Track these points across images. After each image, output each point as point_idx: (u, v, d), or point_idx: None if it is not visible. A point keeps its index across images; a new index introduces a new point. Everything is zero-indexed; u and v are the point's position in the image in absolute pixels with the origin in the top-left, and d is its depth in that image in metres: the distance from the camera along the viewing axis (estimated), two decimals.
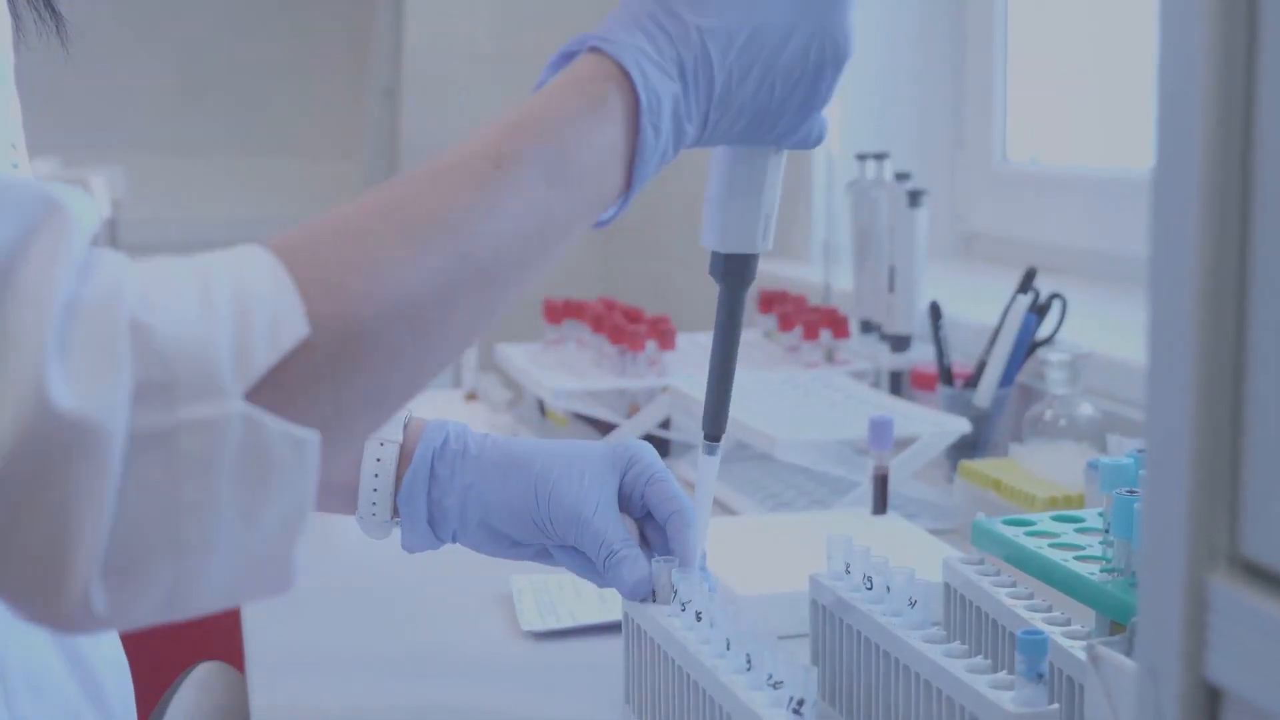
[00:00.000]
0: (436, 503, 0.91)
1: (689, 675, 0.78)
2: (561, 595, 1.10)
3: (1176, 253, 0.45)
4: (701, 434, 0.86)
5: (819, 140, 0.80)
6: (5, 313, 0.54)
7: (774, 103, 0.76)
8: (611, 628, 1.04)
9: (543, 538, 0.90)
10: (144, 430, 0.55)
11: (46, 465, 0.54)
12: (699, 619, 0.79)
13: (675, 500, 0.89)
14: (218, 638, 1.56)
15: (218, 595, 0.60)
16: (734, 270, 0.83)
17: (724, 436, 0.86)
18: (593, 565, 0.89)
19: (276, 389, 0.58)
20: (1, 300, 0.54)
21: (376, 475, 0.91)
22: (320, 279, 0.61)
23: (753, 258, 0.83)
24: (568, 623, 1.05)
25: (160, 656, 1.22)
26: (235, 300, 0.58)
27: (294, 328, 0.59)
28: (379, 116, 3.12)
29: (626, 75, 0.71)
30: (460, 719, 0.93)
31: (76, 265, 0.56)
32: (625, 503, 0.90)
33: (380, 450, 0.91)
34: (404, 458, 0.91)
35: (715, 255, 0.83)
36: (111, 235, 3.12)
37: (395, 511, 0.92)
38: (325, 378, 0.60)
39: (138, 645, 0.94)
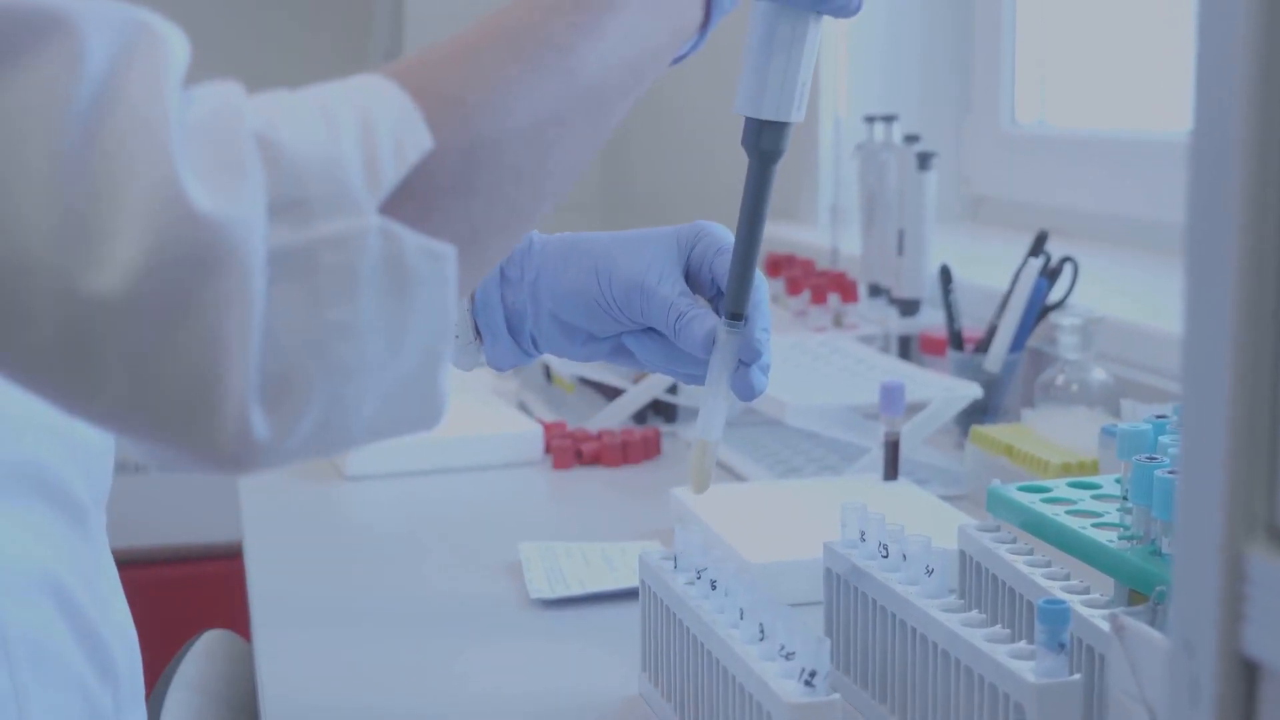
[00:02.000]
0: (511, 307, 0.89)
1: (703, 644, 0.77)
2: (570, 563, 1.09)
3: (1215, 219, 0.44)
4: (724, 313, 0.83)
5: (858, 8, 0.80)
6: (119, 128, 0.52)
7: None
8: (620, 595, 1.03)
9: (613, 324, 0.87)
10: (282, 247, 0.54)
11: (191, 273, 0.52)
12: (714, 588, 0.78)
13: None
14: (223, 606, 1.55)
15: (369, 425, 0.59)
16: (767, 139, 0.81)
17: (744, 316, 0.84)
18: (668, 348, 0.87)
19: (408, 203, 0.58)
20: (112, 119, 0.52)
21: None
22: (440, 95, 0.60)
23: (785, 128, 0.81)
24: (577, 590, 1.04)
25: (165, 625, 1.22)
26: (358, 118, 0.57)
27: (419, 140, 0.58)
28: None
29: None
30: (471, 688, 0.92)
31: (178, 81, 0.55)
32: (695, 280, 0.88)
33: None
34: None
35: (748, 123, 0.81)
36: None
37: (477, 333, 0.90)
38: (453, 192, 0.60)
39: (142, 614, 0.93)
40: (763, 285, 0.86)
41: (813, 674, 0.66)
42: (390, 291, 0.57)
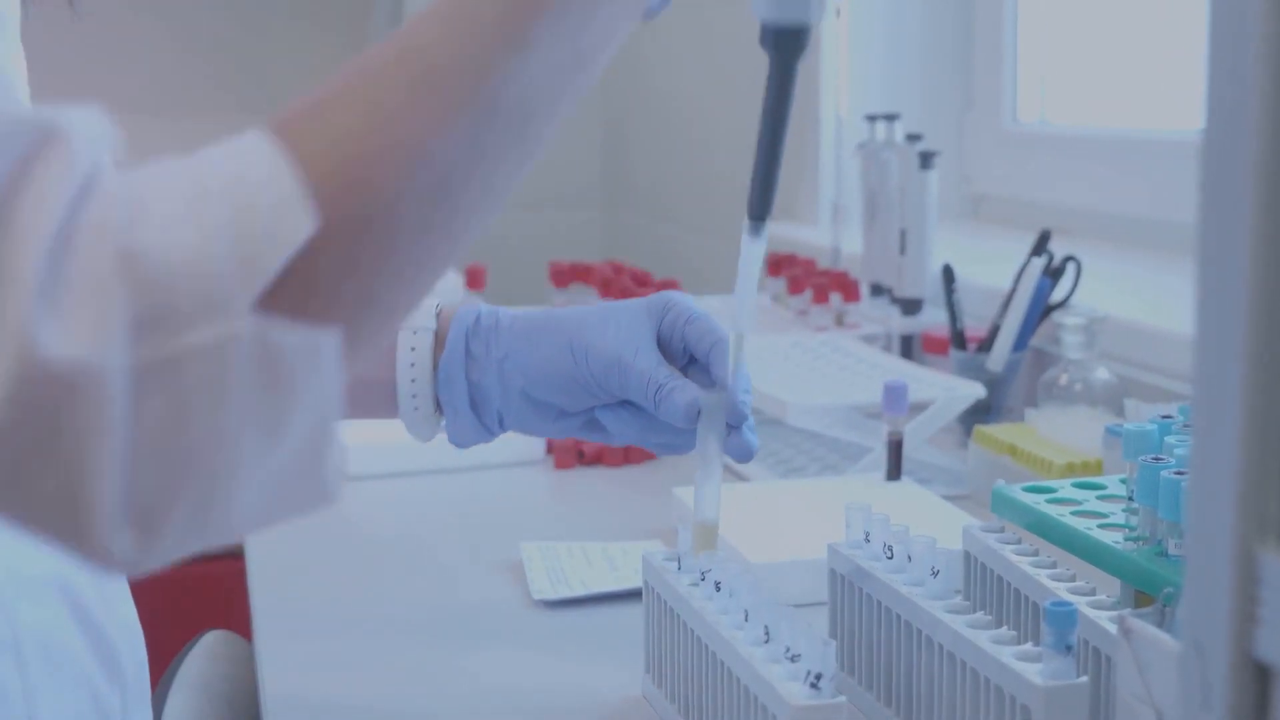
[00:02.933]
0: (476, 384, 0.88)
1: (707, 646, 0.77)
2: (572, 563, 1.09)
3: (1227, 219, 0.43)
4: (747, 215, 0.81)
5: None
6: None
7: None
8: (622, 596, 1.03)
9: (587, 399, 0.87)
10: (147, 363, 0.52)
11: (46, 415, 0.51)
12: (718, 589, 0.78)
13: (714, 333, 0.86)
14: (224, 606, 1.55)
15: (252, 518, 0.56)
16: (785, 40, 0.76)
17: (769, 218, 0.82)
18: (643, 419, 0.86)
19: (292, 291, 0.54)
20: None
21: (413, 365, 0.88)
22: (329, 158, 0.55)
23: (805, 29, 0.76)
24: (579, 591, 1.03)
25: (167, 625, 1.21)
26: (233, 207, 0.53)
27: (300, 224, 0.54)
28: None
29: None
30: (472, 688, 0.92)
31: (71, 196, 0.52)
32: (665, 350, 0.87)
33: (414, 339, 0.88)
34: (438, 344, 0.88)
35: (765, 26, 0.76)
36: None
37: (438, 405, 0.89)
38: (347, 268, 0.55)
39: (144, 614, 0.93)
40: (741, 349, 0.85)
41: (819, 676, 0.66)
42: (266, 390, 0.54)
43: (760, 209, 0.81)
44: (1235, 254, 0.43)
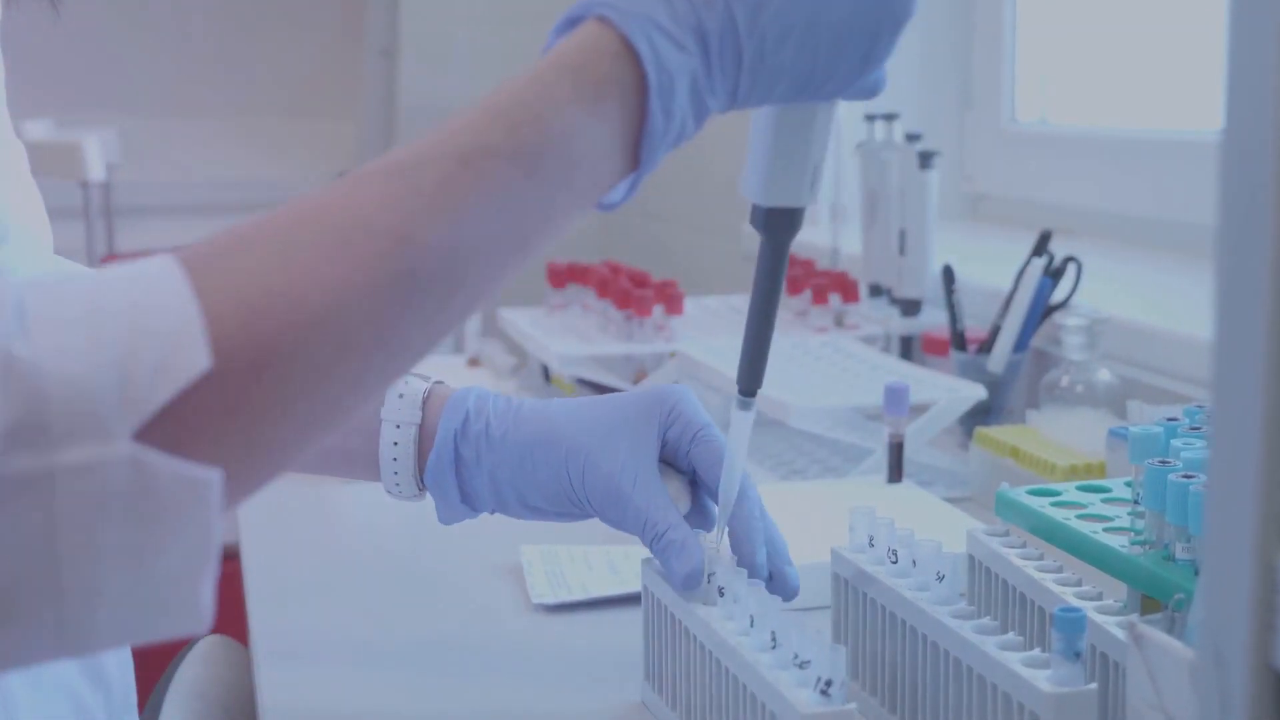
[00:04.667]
0: (467, 482, 0.87)
1: (711, 653, 0.76)
2: (572, 566, 1.08)
3: (1248, 222, 0.42)
4: (736, 390, 0.80)
5: (875, 92, 0.71)
6: None
7: (820, 67, 0.67)
8: (623, 600, 1.02)
9: (583, 513, 0.86)
10: (16, 474, 0.50)
11: None
12: (721, 594, 0.77)
13: (722, 458, 0.83)
14: (221, 612, 1.53)
15: (115, 636, 0.55)
16: (776, 222, 0.75)
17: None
18: None
19: (175, 425, 0.53)
20: None
21: (395, 459, 0.87)
22: (233, 300, 0.54)
23: (797, 211, 0.75)
24: (579, 595, 1.03)
25: None
26: (128, 330, 0.52)
27: (192, 360, 0.53)
28: (376, 77, 3.08)
29: (633, 50, 0.63)
30: (471, 693, 0.91)
31: None
32: (673, 458, 0.85)
33: (397, 434, 0.87)
34: (425, 437, 0.87)
35: (756, 208, 0.75)
36: (106, 198, 3.09)
37: (420, 486, 0.88)
38: (235, 409, 0.54)
39: None
40: (756, 500, 0.83)
41: (829, 683, 0.65)
42: (137, 521, 0.52)
43: (750, 384, 0.79)
44: (1255, 258, 0.42)
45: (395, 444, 0.87)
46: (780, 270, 0.76)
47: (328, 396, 0.57)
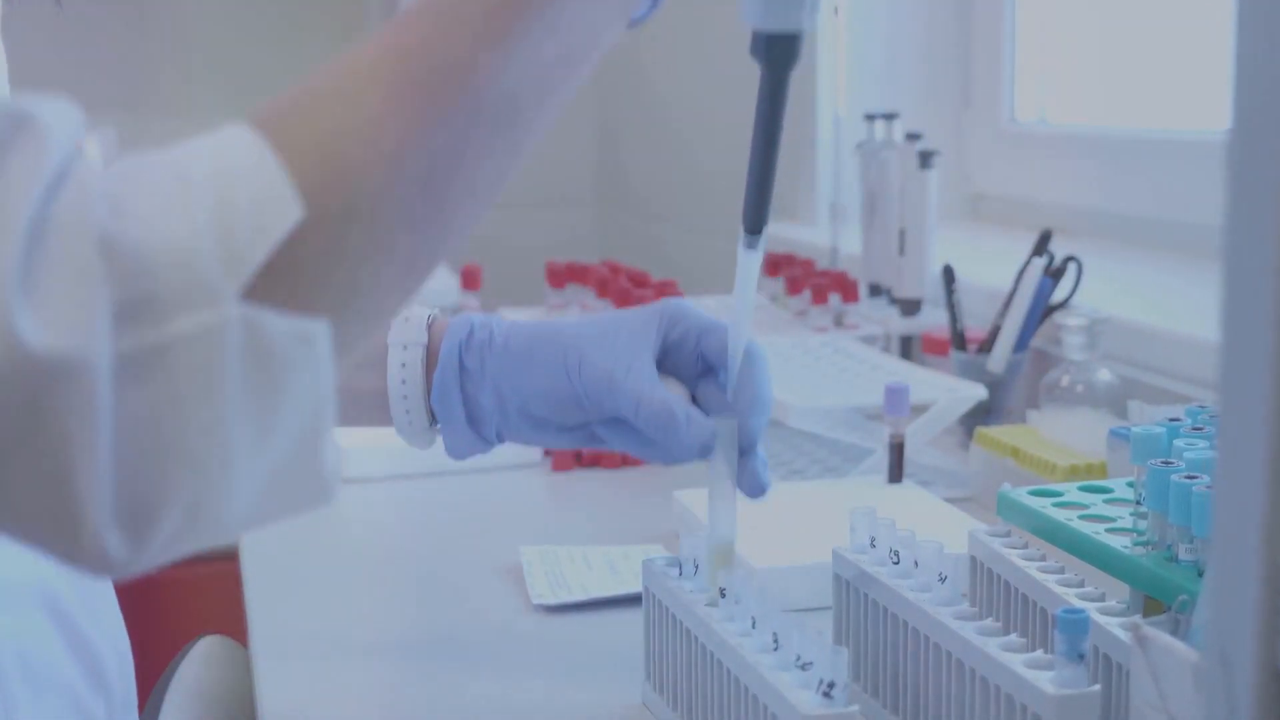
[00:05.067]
0: (472, 399, 0.86)
1: (713, 654, 0.76)
2: (572, 567, 1.08)
3: (1255, 223, 0.42)
4: (741, 229, 0.79)
5: None
6: None
7: None
8: (624, 601, 1.02)
9: (583, 415, 0.85)
10: (132, 352, 0.51)
11: (29, 409, 0.50)
12: (723, 595, 0.77)
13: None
14: (220, 612, 1.53)
15: (246, 517, 0.55)
16: (777, 49, 0.73)
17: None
18: (642, 436, 0.84)
19: (278, 279, 0.53)
20: None
21: (404, 381, 0.86)
22: (314, 150, 0.55)
23: (796, 36, 0.73)
24: (579, 596, 1.02)
25: (162, 631, 1.20)
26: (216, 191, 0.53)
27: (285, 211, 0.53)
28: None
29: None
30: (472, 694, 0.91)
31: (45, 184, 0.51)
32: (678, 364, 0.85)
33: (404, 354, 0.86)
34: (431, 358, 0.87)
35: (756, 34, 0.74)
36: None
37: (432, 416, 0.88)
38: (331, 259, 0.55)
39: (139, 620, 0.92)
40: (762, 361, 0.82)
41: (831, 685, 0.64)
42: (256, 382, 0.53)
43: (755, 221, 0.79)
44: (1263, 260, 0.42)
45: (403, 365, 0.87)
46: (781, 104, 0.75)
47: (416, 237, 0.58)
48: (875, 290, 1.65)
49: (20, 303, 0.49)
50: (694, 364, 0.85)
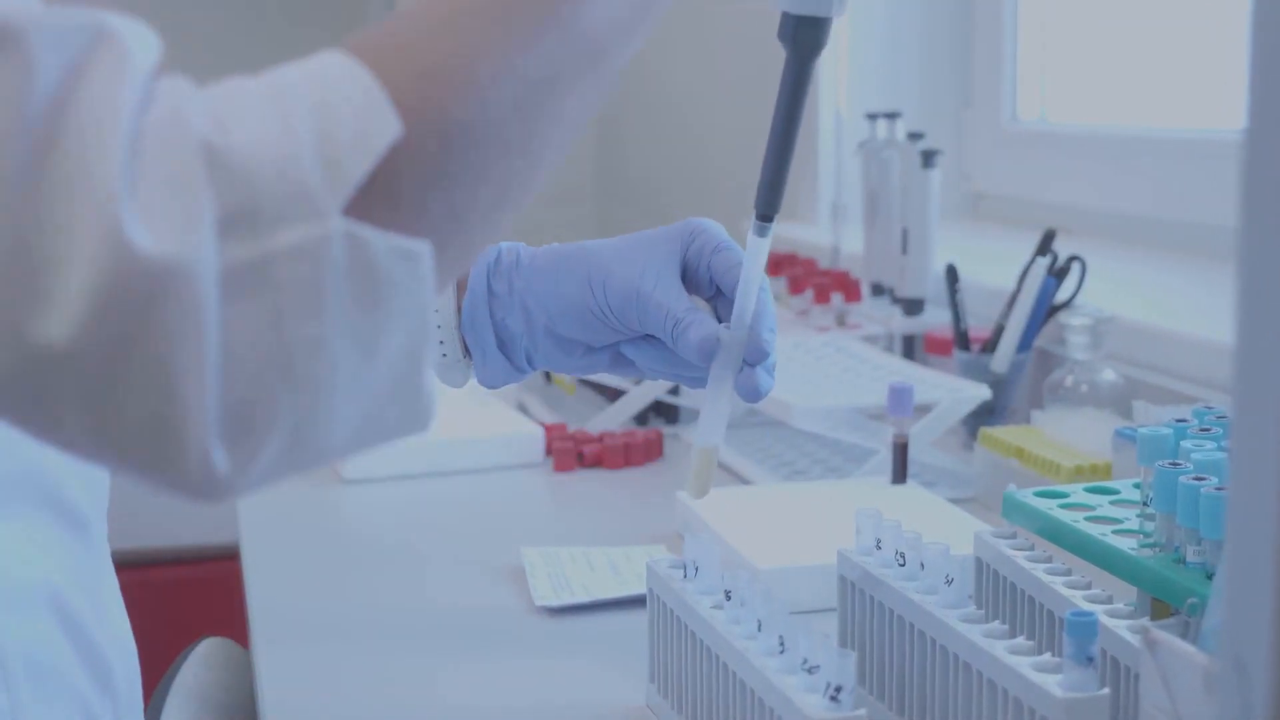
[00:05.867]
0: (501, 323, 0.86)
1: (718, 657, 0.75)
2: (575, 569, 1.07)
3: (1271, 223, 0.42)
4: (754, 213, 0.79)
5: None
6: (64, 155, 0.49)
7: None
8: (626, 603, 1.01)
9: (610, 334, 0.85)
10: (236, 264, 0.50)
11: (137, 317, 0.49)
12: (728, 597, 0.76)
13: (741, 264, 0.83)
14: (221, 613, 1.53)
15: (348, 438, 0.55)
16: (804, 33, 0.75)
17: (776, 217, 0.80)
18: (668, 354, 0.84)
19: (378, 198, 0.53)
20: (57, 142, 0.49)
21: (436, 310, 0.86)
22: (410, 72, 0.55)
23: (825, 21, 0.75)
24: (582, 598, 1.02)
25: (163, 632, 1.20)
26: (315, 108, 0.53)
27: (385, 129, 0.53)
28: None
29: None
30: (473, 697, 0.90)
31: (136, 95, 0.51)
32: (694, 281, 0.85)
33: None
34: (460, 288, 0.87)
35: (785, 16, 0.75)
36: None
37: (465, 350, 0.87)
38: (429, 180, 0.55)
39: (142, 622, 0.91)
40: (766, 285, 0.83)
41: (838, 689, 0.64)
42: (360, 299, 0.53)
43: (768, 207, 0.79)
44: (1278, 261, 0.41)
45: None
46: (803, 89, 0.76)
47: (511, 162, 0.58)
48: (878, 290, 1.64)
49: (130, 209, 0.49)
50: (708, 282, 0.85)
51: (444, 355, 0.87)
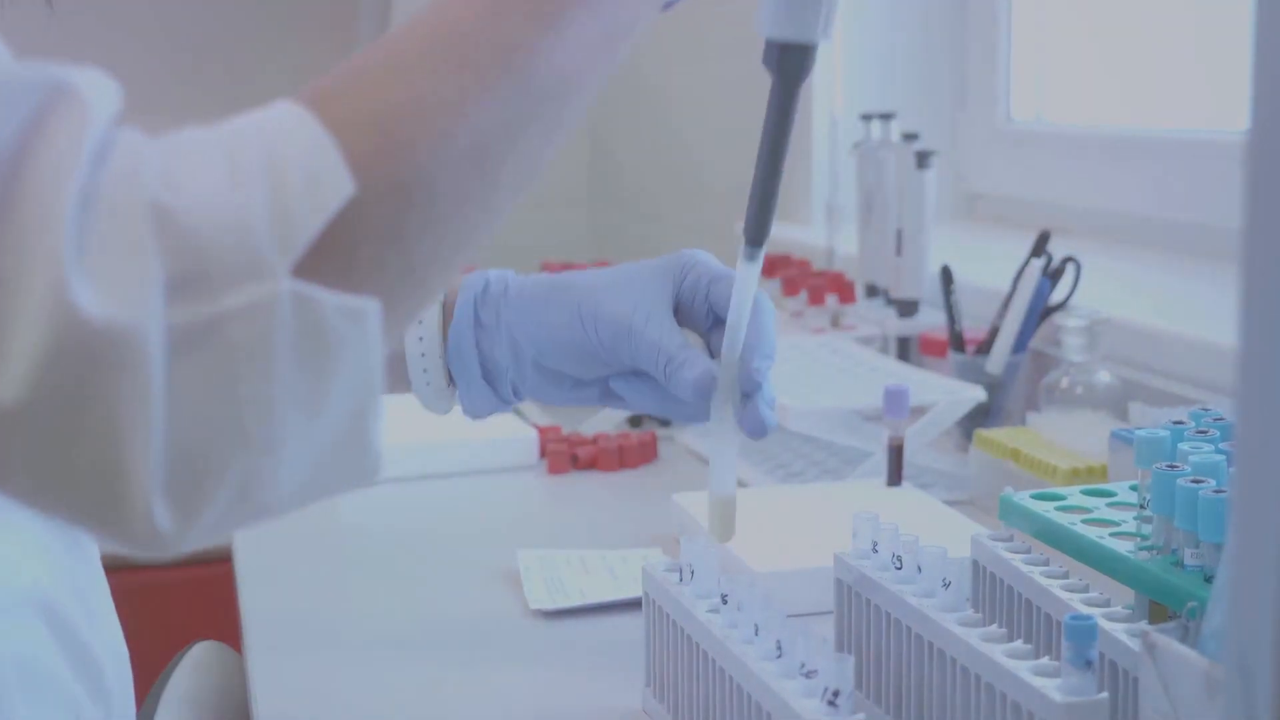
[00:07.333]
0: (487, 354, 0.86)
1: (715, 661, 0.75)
2: (570, 572, 1.07)
3: (1275, 224, 0.41)
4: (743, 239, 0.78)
5: None
6: (16, 216, 0.49)
7: None
8: (622, 606, 1.01)
9: (600, 368, 0.84)
10: (184, 326, 0.50)
11: (83, 378, 0.49)
12: (725, 601, 0.76)
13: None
14: (214, 616, 1.52)
15: (295, 493, 0.55)
16: (789, 61, 0.74)
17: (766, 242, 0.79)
18: (659, 390, 0.83)
19: (330, 256, 0.53)
20: (11, 202, 0.49)
21: (421, 339, 0.86)
22: (365, 126, 0.55)
23: (809, 49, 0.74)
24: (577, 601, 1.01)
25: (156, 637, 1.19)
26: (267, 165, 0.53)
27: (339, 186, 0.53)
28: None
29: None
30: (468, 701, 0.90)
31: (91, 153, 0.51)
32: (690, 314, 0.84)
33: (422, 313, 0.85)
34: (447, 314, 0.86)
35: (769, 43, 0.74)
36: None
37: (449, 378, 0.87)
38: (383, 236, 0.55)
39: (133, 626, 0.91)
40: (770, 309, 0.82)
41: (836, 693, 0.64)
42: (308, 358, 0.53)
43: (757, 233, 0.78)
44: None
45: (420, 323, 0.86)
46: (789, 115, 0.75)
47: (469, 213, 0.58)
48: (872, 291, 1.64)
49: (77, 272, 0.49)
50: (704, 314, 0.85)
51: (428, 384, 0.87)
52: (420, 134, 0.56)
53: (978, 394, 1.26)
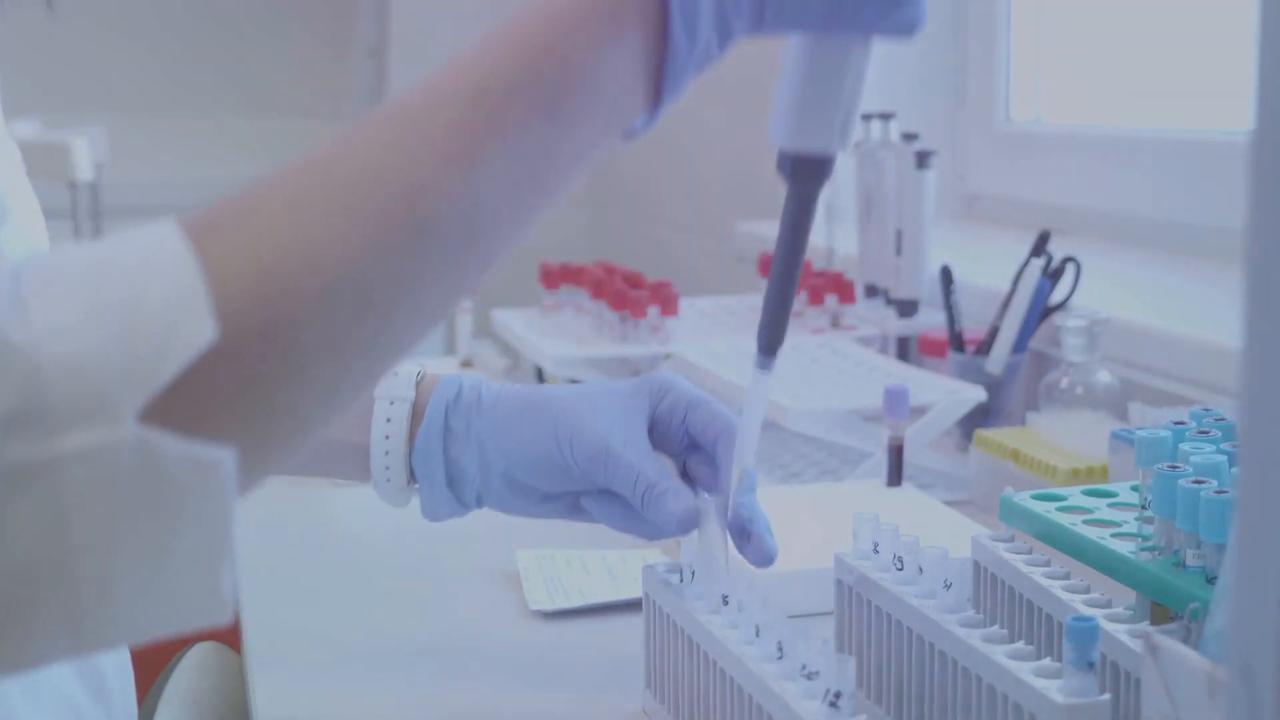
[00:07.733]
0: (454, 461, 0.85)
1: (715, 662, 0.75)
2: (570, 572, 1.07)
3: (1278, 223, 0.41)
4: (757, 348, 0.76)
5: (913, 29, 0.65)
6: None
7: None
8: (622, 607, 1.01)
9: (571, 484, 0.83)
10: (19, 464, 0.48)
11: None
12: (725, 602, 0.76)
13: (720, 419, 0.82)
14: None
15: (140, 630, 0.53)
16: (804, 171, 0.69)
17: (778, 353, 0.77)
18: (630, 511, 0.83)
19: (185, 402, 0.50)
20: None
21: (387, 437, 0.85)
22: (243, 269, 0.52)
23: (826, 160, 0.70)
24: (577, 602, 1.01)
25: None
26: (129, 304, 0.50)
27: (199, 331, 0.50)
28: (365, 77, 3.07)
29: None
30: (468, 701, 0.90)
31: None
32: (664, 437, 0.84)
33: (390, 410, 0.85)
34: (416, 415, 0.85)
35: (782, 154, 0.70)
36: (94, 198, 3.07)
37: (412, 475, 0.86)
38: (248, 381, 0.52)
39: None
40: (752, 476, 0.82)
41: (838, 695, 0.63)
42: (150, 505, 0.50)
43: (771, 342, 0.76)
44: None
45: (388, 420, 0.85)
46: (805, 223, 0.72)
47: (346, 362, 0.54)
48: (872, 291, 1.64)
49: None
50: (680, 439, 0.84)
51: (388, 480, 0.86)
52: (301, 282, 0.53)
53: (978, 394, 1.26)
